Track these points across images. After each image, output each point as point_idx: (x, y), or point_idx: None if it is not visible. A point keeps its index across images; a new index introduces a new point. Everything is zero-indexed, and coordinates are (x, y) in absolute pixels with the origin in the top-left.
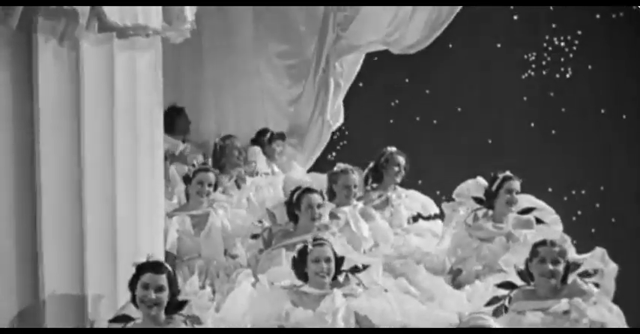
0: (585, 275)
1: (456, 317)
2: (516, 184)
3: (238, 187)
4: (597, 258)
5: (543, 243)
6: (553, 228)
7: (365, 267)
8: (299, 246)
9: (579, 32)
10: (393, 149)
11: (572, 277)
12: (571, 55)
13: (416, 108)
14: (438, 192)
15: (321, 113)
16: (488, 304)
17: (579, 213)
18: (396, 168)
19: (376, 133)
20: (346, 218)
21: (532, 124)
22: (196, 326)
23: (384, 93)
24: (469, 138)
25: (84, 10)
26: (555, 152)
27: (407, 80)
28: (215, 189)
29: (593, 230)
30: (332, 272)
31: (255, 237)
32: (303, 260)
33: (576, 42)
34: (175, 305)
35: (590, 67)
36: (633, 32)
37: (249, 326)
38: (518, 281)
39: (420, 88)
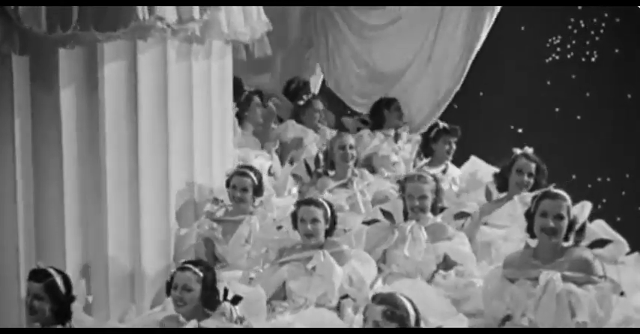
0: None
1: None
2: (556, 204)
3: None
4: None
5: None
6: (629, 270)
7: (239, 299)
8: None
9: (605, 15)
10: (523, 150)
11: None
12: (597, 38)
13: None
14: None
15: None
16: None
17: (604, 200)
18: (518, 176)
19: None
20: (399, 235)
21: (556, 109)
22: None
23: None
24: (491, 124)
25: None
26: (580, 138)
27: None
28: (257, 194)
29: (618, 218)
30: (191, 302)
31: None
32: (169, 285)
33: (602, 25)
34: (66, 314)
35: (616, 50)
36: None
37: None
38: None
39: None
